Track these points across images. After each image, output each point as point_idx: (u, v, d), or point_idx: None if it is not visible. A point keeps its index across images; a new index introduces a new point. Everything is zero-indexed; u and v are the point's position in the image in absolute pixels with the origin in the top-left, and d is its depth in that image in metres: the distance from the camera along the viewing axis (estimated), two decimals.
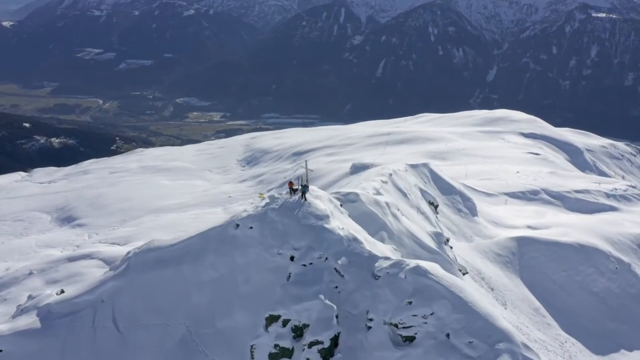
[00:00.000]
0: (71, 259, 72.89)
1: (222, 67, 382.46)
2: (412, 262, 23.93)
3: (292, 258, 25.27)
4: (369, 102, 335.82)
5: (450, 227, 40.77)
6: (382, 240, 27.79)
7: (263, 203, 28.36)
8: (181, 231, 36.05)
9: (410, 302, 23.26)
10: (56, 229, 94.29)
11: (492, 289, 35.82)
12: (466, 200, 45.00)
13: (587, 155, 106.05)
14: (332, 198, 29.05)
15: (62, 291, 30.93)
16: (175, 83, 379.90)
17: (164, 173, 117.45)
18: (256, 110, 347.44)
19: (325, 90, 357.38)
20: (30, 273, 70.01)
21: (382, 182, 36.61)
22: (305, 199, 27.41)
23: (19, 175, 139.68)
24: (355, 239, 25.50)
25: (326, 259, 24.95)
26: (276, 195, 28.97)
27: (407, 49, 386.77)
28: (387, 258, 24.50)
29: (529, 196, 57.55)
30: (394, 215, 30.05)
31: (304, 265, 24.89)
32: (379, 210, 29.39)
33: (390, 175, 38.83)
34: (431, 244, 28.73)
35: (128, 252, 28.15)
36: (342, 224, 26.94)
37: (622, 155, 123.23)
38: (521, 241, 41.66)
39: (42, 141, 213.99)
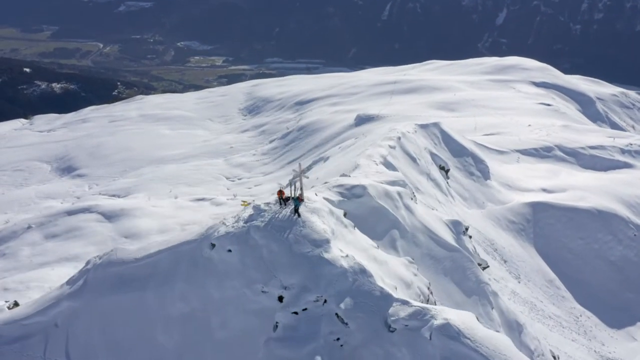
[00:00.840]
0: (70, 213, 70.96)
1: (223, 10, 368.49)
2: (439, 314, 17.20)
3: (280, 299, 18.98)
4: (374, 46, 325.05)
5: (461, 192, 37.75)
6: (394, 241, 22.97)
7: (246, 214, 21.71)
8: (154, 238, 30.95)
9: None
10: (56, 179, 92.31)
11: (505, 261, 33.27)
12: (478, 162, 41.67)
13: (599, 106, 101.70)
14: (334, 208, 22.09)
15: (16, 303, 26.22)
16: (176, 26, 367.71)
17: (165, 122, 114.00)
18: (259, 55, 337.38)
19: (330, 33, 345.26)
20: (29, 227, 68.31)
21: (390, 147, 33.17)
22: (299, 215, 20.97)
23: (19, 122, 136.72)
24: (363, 270, 18.78)
25: (325, 301, 18.53)
26: (262, 206, 22.05)
27: None
28: (404, 302, 17.83)
29: (542, 153, 54.20)
30: (407, 207, 24.90)
31: (296, 312, 18.43)
32: (390, 204, 24.23)
33: (399, 138, 35.30)
34: (449, 237, 24.70)
35: (87, 262, 23.54)
36: (346, 244, 20.62)
37: (633, 105, 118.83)
38: (536, 207, 38.71)
39: (43, 86, 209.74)
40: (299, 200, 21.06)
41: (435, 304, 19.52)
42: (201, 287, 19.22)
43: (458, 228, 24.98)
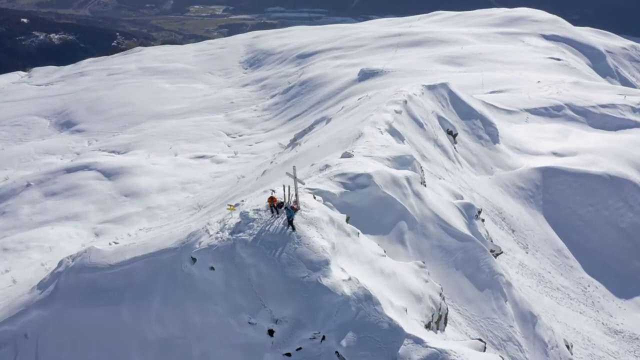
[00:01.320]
0: (69, 170, 69.61)
1: None
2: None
3: (270, 332, 15.98)
4: None
5: (469, 158, 35.83)
6: (402, 234, 20.18)
7: (232, 222, 18.28)
8: (130, 235, 27.48)
9: None
10: (55, 134, 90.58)
11: (513, 231, 31.78)
12: (487, 125, 39.43)
13: (609, 60, 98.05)
14: (334, 215, 18.65)
15: None
16: None
17: (164, 75, 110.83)
18: (260, 4, 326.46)
19: None
20: (28, 185, 67.25)
21: (396, 112, 30.96)
22: (293, 229, 17.56)
23: (17, 75, 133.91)
24: (369, 297, 15.67)
25: (323, 338, 15.46)
26: (251, 213, 18.29)
27: None
28: (418, 341, 14.65)
29: (552, 112, 51.82)
30: (416, 194, 21.96)
31: (288, 354, 15.38)
32: (398, 192, 21.24)
33: (405, 102, 33.00)
34: (460, 224, 22.21)
35: (60, 263, 21.11)
36: (349, 259, 17.40)
37: None
38: (546, 172, 36.81)
39: (41, 37, 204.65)
40: (293, 210, 17.63)
41: (448, 311, 17.82)
42: (180, 309, 16.74)
43: (470, 212, 22.99)
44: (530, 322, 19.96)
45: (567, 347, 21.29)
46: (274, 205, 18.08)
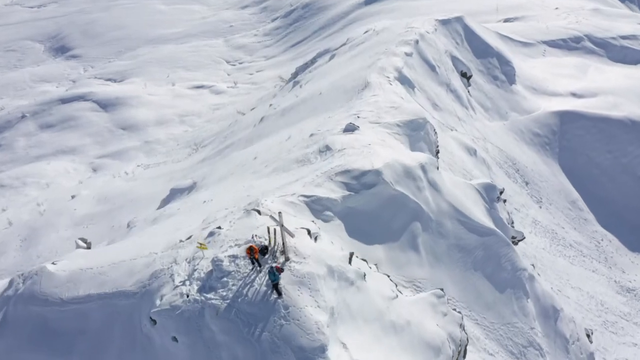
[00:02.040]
0: (65, 101, 66.40)
1: None
2: None
3: None
4: None
5: (483, 102, 32.37)
6: (415, 238, 16.73)
7: (202, 269, 14.25)
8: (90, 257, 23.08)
9: None
10: (50, 60, 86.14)
11: (527, 183, 29.17)
12: (504, 64, 35.41)
13: None
14: (334, 258, 14.21)
15: None
16: None
17: None
18: None
19: None
20: (24, 116, 64.57)
21: (406, 54, 27.11)
22: (279, 295, 13.29)
23: None
24: None
25: None
26: (225, 263, 14.09)
27: None
28: None
29: (570, 44, 47.35)
30: (432, 184, 18.35)
31: None
32: (411, 187, 17.54)
33: (417, 42, 28.99)
34: (480, 213, 18.96)
35: (10, 283, 16.61)
36: (352, 320, 13.30)
37: None
38: (565, 117, 33.47)
39: None
40: (277, 271, 13.18)
41: (468, 341, 15.14)
42: None
43: (491, 194, 19.71)
44: (552, 318, 17.90)
45: (588, 335, 19.49)
46: (255, 257, 13.77)
